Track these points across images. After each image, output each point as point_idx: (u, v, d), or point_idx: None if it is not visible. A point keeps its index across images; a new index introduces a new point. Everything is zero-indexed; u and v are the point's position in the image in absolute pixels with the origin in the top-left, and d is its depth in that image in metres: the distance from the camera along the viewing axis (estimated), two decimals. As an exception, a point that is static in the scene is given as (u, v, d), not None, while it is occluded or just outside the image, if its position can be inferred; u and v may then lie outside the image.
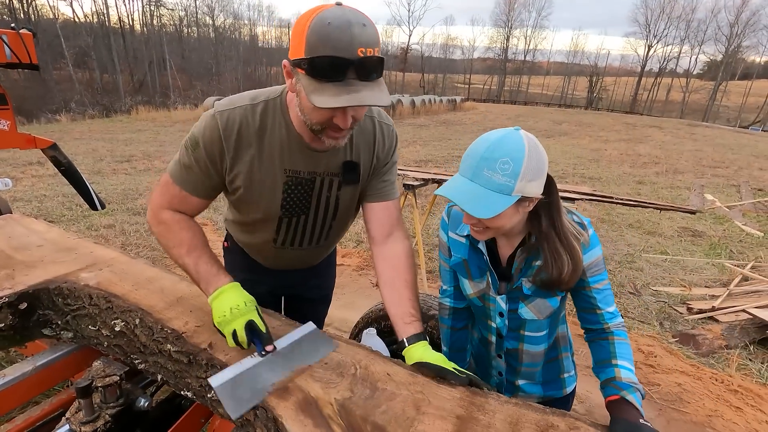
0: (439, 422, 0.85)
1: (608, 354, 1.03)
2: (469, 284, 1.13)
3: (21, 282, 1.24)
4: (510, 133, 0.89)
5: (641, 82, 53.62)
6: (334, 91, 0.86)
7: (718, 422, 2.22)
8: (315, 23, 0.84)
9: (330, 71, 0.85)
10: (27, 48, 2.43)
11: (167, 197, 1.13)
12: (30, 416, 1.18)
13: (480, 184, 0.88)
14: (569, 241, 0.98)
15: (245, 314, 0.98)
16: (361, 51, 0.84)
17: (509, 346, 1.15)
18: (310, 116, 0.96)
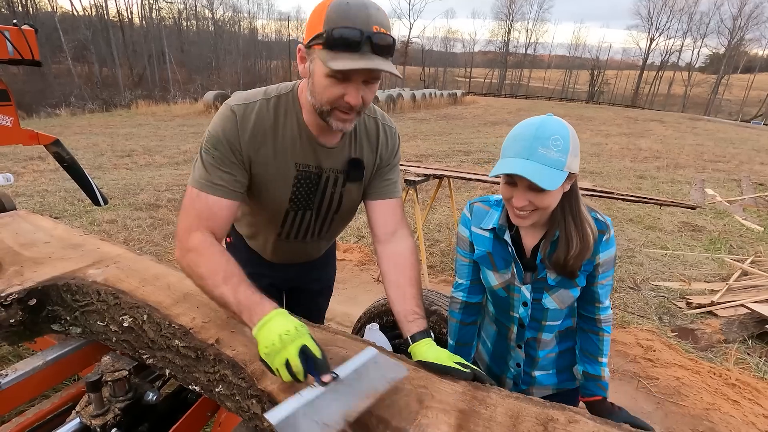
0: (442, 416, 0.87)
1: (596, 350, 1.16)
2: (494, 275, 1.17)
3: (30, 278, 1.26)
4: (548, 116, 0.98)
5: (643, 75, 53.35)
6: (350, 58, 0.90)
7: (715, 415, 2.25)
8: (335, 3, 0.90)
9: (348, 41, 0.89)
10: (29, 44, 2.44)
11: (194, 214, 1.05)
12: (41, 410, 1.21)
13: (537, 161, 0.94)
14: (583, 227, 1.05)
15: (296, 339, 0.84)
16: (376, 28, 0.90)
17: (529, 336, 1.20)
18: (322, 94, 0.97)
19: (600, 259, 1.09)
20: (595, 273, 1.11)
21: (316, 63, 0.94)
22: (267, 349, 0.84)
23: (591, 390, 1.16)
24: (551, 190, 0.93)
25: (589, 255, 1.06)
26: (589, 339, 1.17)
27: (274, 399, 0.88)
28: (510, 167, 0.95)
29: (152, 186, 6.43)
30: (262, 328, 0.88)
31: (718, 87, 47.01)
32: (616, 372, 2.59)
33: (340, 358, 1.01)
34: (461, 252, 1.24)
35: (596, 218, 1.09)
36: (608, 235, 1.08)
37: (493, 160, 9.38)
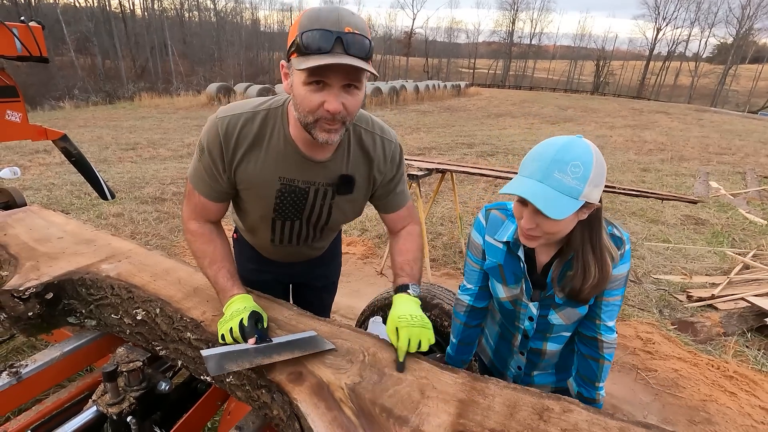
0: (442, 405, 0.91)
1: (594, 376, 1.14)
2: (503, 288, 1.17)
3: (46, 273, 1.31)
4: (575, 139, 0.92)
5: (649, 66, 52.72)
6: (320, 59, 0.89)
7: (712, 406, 2.30)
8: (307, 11, 0.94)
9: (318, 42, 0.89)
10: (37, 41, 2.46)
11: (191, 206, 1.20)
12: (59, 398, 1.26)
13: (550, 186, 0.89)
14: (603, 256, 1.00)
15: (241, 314, 1.05)
16: (348, 29, 0.90)
17: (533, 346, 1.21)
18: (302, 105, 0.96)
19: (612, 274, 1.04)
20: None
21: (295, 74, 0.95)
22: (221, 320, 1.08)
23: None
24: (557, 219, 0.89)
25: (606, 285, 1.02)
26: (589, 365, 1.14)
27: (283, 389, 0.93)
28: (520, 188, 0.92)
29: (157, 179, 6.48)
30: (227, 307, 1.11)
31: (725, 78, 46.40)
32: (616, 364, 2.63)
33: (344, 350, 1.06)
34: (472, 257, 1.23)
35: (612, 234, 1.05)
36: (623, 250, 1.04)
37: (497, 153, 9.37)
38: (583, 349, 1.16)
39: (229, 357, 0.97)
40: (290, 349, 1.03)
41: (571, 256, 1.04)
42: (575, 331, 1.19)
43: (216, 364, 0.95)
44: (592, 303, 1.11)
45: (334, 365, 1.01)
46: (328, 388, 0.94)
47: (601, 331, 1.11)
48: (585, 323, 1.14)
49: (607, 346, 1.12)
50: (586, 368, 1.15)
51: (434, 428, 0.85)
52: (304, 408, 0.88)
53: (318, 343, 1.07)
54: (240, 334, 1.02)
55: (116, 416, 1.13)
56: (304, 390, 0.92)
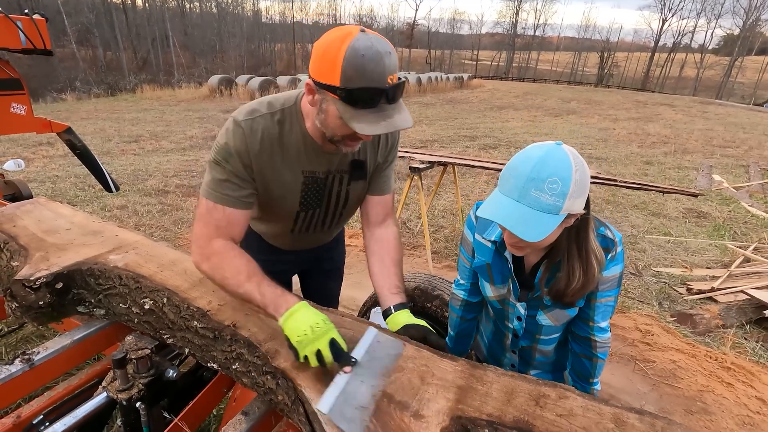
0: (442, 392, 0.94)
1: (588, 373, 1.15)
2: (491, 288, 1.17)
3: (55, 263, 1.34)
4: (553, 149, 0.87)
5: (654, 57, 52.19)
6: (371, 118, 0.94)
7: (709, 397, 2.33)
8: (350, 55, 0.89)
9: (367, 100, 0.93)
10: (41, 33, 2.48)
11: (212, 225, 1.11)
12: (69, 384, 1.30)
13: (527, 205, 0.86)
14: (589, 259, 0.99)
15: (327, 332, 0.95)
16: (390, 79, 0.93)
17: (524, 344, 1.22)
18: (335, 131, 1.03)
19: (603, 276, 1.03)
20: (595, 290, 1.05)
21: (330, 106, 0.98)
22: (299, 338, 0.93)
23: None
24: (538, 241, 0.87)
25: (591, 287, 1.02)
26: (582, 363, 1.15)
27: (287, 375, 0.96)
28: (495, 212, 0.89)
29: (160, 172, 6.52)
30: (289, 318, 0.97)
31: (731, 69, 45.90)
32: (614, 355, 2.67)
33: (347, 339, 1.09)
34: (464, 254, 1.24)
35: (604, 235, 1.03)
36: (614, 252, 1.02)
37: (499, 146, 9.35)
38: (576, 348, 1.17)
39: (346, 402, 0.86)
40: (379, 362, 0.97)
41: (559, 259, 1.04)
42: (568, 330, 1.19)
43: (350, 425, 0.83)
44: (584, 305, 1.11)
45: (337, 353, 1.04)
46: (332, 376, 0.97)
47: (594, 332, 1.12)
48: (578, 324, 1.14)
49: (601, 345, 1.12)
50: (580, 366, 1.17)
51: (433, 413, 0.88)
52: (308, 394, 0.91)
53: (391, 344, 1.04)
54: (333, 359, 0.92)
55: (125, 402, 1.17)
56: (308, 376, 0.95)
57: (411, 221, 4.85)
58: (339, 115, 0.96)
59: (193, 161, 7.36)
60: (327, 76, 0.93)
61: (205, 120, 12.32)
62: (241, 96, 18.11)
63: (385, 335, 1.07)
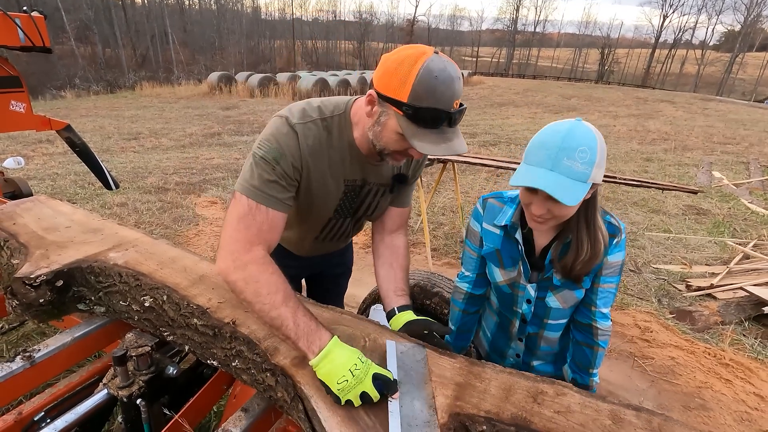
0: (441, 389, 0.95)
1: (588, 362, 1.17)
2: (500, 272, 1.20)
3: (55, 261, 1.34)
4: (576, 123, 0.94)
5: (655, 54, 52.02)
6: (432, 138, 0.95)
7: (707, 393, 2.34)
8: (423, 74, 0.89)
9: (431, 121, 0.93)
10: (39, 31, 2.47)
11: (255, 227, 1.03)
12: (71, 381, 1.31)
13: (561, 173, 0.91)
14: (596, 234, 1.04)
15: (367, 372, 0.91)
16: (456, 103, 0.94)
17: (531, 331, 1.23)
18: (388, 145, 1.03)
19: (608, 260, 1.09)
20: (599, 274, 1.11)
21: (391, 119, 0.97)
22: (340, 385, 0.88)
23: None
24: (572, 204, 0.91)
25: (598, 261, 1.06)
26: (583, 352, 1.18)
27: (287, 372, 0.97)
28: (532, 180, 0.93)
29: (160, 169, 6.51)
30: (324, 359, 0.92)
31: (732, 66, 45.74)
32: (613, 352, 2.67)
33: (346, 336, 1.09)
34: (470, 245, 1.27)
35: (609, 222, 1.08)
36: (619, 238, 1.08)
37: (499, 143, 9.34)
38: (578, 336, 1.19)
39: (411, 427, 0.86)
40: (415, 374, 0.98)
41: (569, 239, 1.07)
42: (571, 320, 1.22)
43: None
44: (588, 288, 1.13)
45: (336, 350, 1.05)
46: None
47: (596, 317, 1.14)
48: (581, 310, 1.17)
49: (602, 333, 1.15)
50: (581, 355, 1.19)
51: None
52: (307, 390, 0.91)
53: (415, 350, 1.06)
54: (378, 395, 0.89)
55: (126, 399, 1.17)
56: (308, 373, 0.96)
57: (411, 218, 4.85)
58: (398, 130, 0.96)
59: (193, 159, 7.36)
60: (395, 90, 0.93)
61: (205, 117, 12.30)
62: (241, 93, 18.07)
63: (402, 344, 1.08)
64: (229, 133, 9.97)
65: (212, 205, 5.08)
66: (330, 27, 56.03)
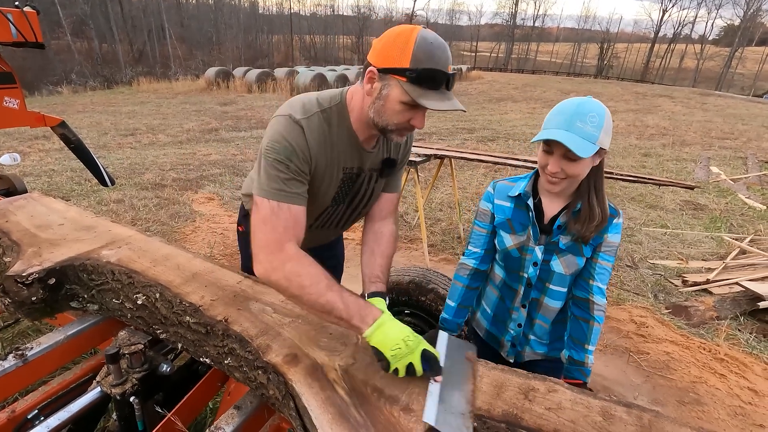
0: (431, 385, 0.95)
1: (584, 338, 1.23)
2: (510, 237, 1.31)
3: (48, 259, 1.34)
4: (587, 98, 1.12)
5: (654, 48, 51.86)
6: (436, 97, 1.01)
7: (701, 388, 2.35)
8: (420, 40, 0.98)
9: (433, 81, 1.00)
10: (32, 26, 2.45)
11: (281, 226, 1.06)
12: (64, 379, 1.31)
13: (574, 133, 1.07)
14: (604, 200, 1.20)
15: (418, 345, 0.96)
16: (450, 68, 1.02)
17: (534, 296, 1.32)
18: (392, 118, 1.06)
19: (608, 238, 1.21)
20: (598, 249, 1.23)
21: (393, 90, 1.02)
22: (393, 351, 0.93)
23: (573, 374, 1.24)
24: (583, 157, 1.06)
25: (604, 225, 1.19)
26: (579, 326, 1.25)
27: (278, 370, 0.97)
28: (551, 135, 1.08)
29: (157, 165, 6.49)
30: (377, 330, 0.96)
31: (731, 60, 45.62)
32: (609, 347, 2.68)
33: (339, 333, 1.09)
34: (480, 224, 1.39)
35: (610, 205, 1.22)
36: (618, 219, 1.22)
37: (497, 138, 9.32)
38: (576, 311, 1.27)
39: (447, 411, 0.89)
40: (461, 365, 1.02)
41: (578, 207, 1.20)
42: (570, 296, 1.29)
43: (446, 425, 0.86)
44: (588, 261, 1.24)
45: (328, 347, 1.05)
46: (322, 370, 0.97)
47: (593, 291, 1.24)
48: (579, 284, 1.27)
49: (598, 308, 1.24)
50: (578, 329, 1.25)
51: (423, 407, 0.89)
52: (299, 388, 0.91)
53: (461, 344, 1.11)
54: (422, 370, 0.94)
55: (119, 396, 1.17)
56: (299, 371, 0.96)
57: (408, 214, 4.85)
58: (401, 99, 1.02)
59: (190, 155, 7.33)
60: (397, 59, 0.99)
61: (202, 113, 12.25)
62: (239, 88, 17.98)
63: (453, 338, 1.13)
64: (227, 129, 9.93)
65: (209, 202, 5.06)
66: (328, 21, 55.68)
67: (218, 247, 3.83)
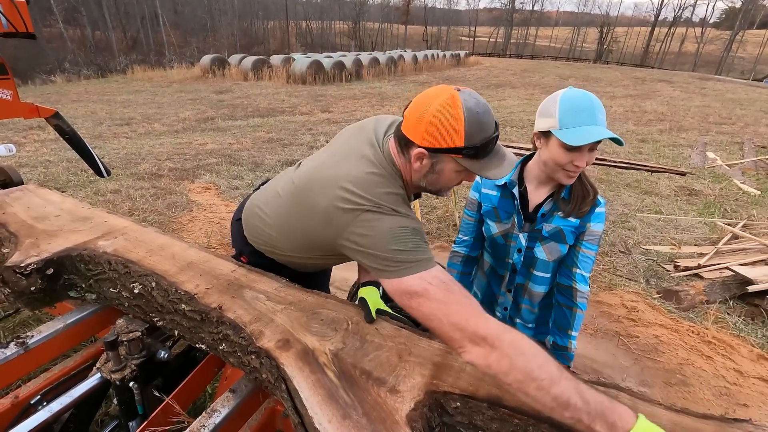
0: (418, 368, 0.99)
1: (567, 324, 1.29)
2: (496, 225, 1.36)
3: (45, 250, 1.36)
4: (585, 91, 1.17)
5: (654, 32, 51.27)
6: (494, 163, 1.04)
7: (688, 369, 2.41)
8: (469, 115, 0.97)
9: (490, 149, 1.02)
10: (22, 16, 2.43)
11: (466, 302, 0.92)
12: (65, 367, 1.35)
13: (601, 125, 1.13)
14: (590, 182, 1.27)
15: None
16: (495, 125, 1.03)
17: (519, 281, 1.37)
18: (448, 184, 1.11)
19: (590, 227, 1.26)
20: (581, 238, 1.27)
21: (448, 165, 1.04)
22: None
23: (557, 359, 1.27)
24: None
25: (591, 203, 1.24)
26: (563, 313, 1.30)
27: (271, 355, 1.00)
28: (594, 135, 1.11)
29: (153, 155, 6.47)
30: None
31: (731, 44, 45.17)
32: (599, 331, 2.74)
33: (330, 319, 1.13)
34: (469, 213, 1.45)
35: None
36: (601, 209, 1.26)
37: (494, 125, 9.29)
38: (560, 298, 1.32)
39: None
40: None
41: (562, 195, 1.25)
42: (555, 284, 1.33)
43: None
44: (569, 252, 1.28)
45: (319, 333, 1.09)
46: (313, 354, 1.01)
47: (576, 279, 1.28)
48: (563, 271, 1.31)
49: (581, 295, 1.28)
50: (561, 316, 1.31)
51: (409, 388, 0.93)
52: (290, 371, 0.95)
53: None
54: None
55: (119, 382, 1.22)
56: (291, 355, 1.00)
57: (404, 202, 4.87)
58: (458, 170, 1.04)
59: (186, 144, 7.31)
60: (448, 140, 0.98)
61: (198, 101, 12.15)
62: (234, 76, 17.79)
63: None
64: (223, 118, 9.87)
65: (206, 191, 5.07)
66: (324, 7, 54.79)
67: (215, 236, 3.86)
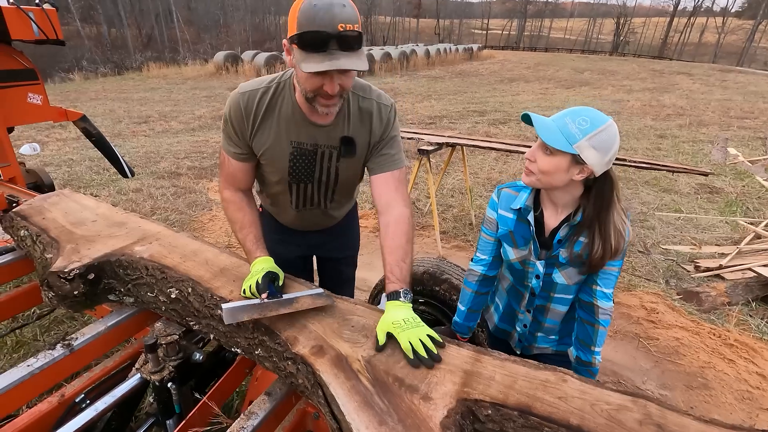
0: (449, 375, 1.02)
1: (590, 340, 1.25)
2: (513, 251, 1.31)
3: (86, 255, 1.42)
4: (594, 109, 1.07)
5: (673, 23, 49.94)
6: (318, 59, 1.03)
7: (710, 373, 2.40)
8: (304, 6, 1.02)
9: (315, 43, 1.02)
10: (52, 23, 2.51)
11: (225, 174, 1.38)
12: (105, 366, 1.41)
13: (555, 124, 1.07)
14: (607, 232, 1.13)
15: (259, 273, 1.22)
16: (341, 26, 1.01)
17: (539, 303, 1.34)
18: (304, 85, 1.13)
19: None
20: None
21: (295, 56, 1.09)
22: (246, 278, 1.25)
23: (581, 374, 1.23)
24: (548, 144, 1.06)
25: (609, 259, 1.15)
26: (585, 329, 1.26)
27: (306, 361, 1.04)
28: (531, 115, 1.09)
29: (171, 153, 6.60)
30: (251, 267, 1.28)
31: (754, 34, 43.76)
32: (618, 333, 2.74)
33: (360, 325, 1.17)
34: (487, 231, 1.38)
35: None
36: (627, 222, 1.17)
37: (509, 121, 9.22)
38: (582, 314, 1.29)
39: (242, 310, 1.14)
40: (294, 304, 1.19)
41: (577, 221, 1.16)
42: (576, 300, 1.30)
43: (230, 316, 1.12)
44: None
45: (351, 340, 1.12)
46: (347, 360, 1.05)
47: (597, 296, 1.23)
48: (584, 289, 1.27)
49: (603, 312, 1.23)
50: (583, 333, 1.28)
51: (441, 395, 0.96)
52: (326, 378, 0.99)
53: (321, 298, 1.24)
54: (255, 289, 1.18)
55: (158, 383, 1.27)
56: (326, 362, 1.04)
57: (420, 201, 4.89)
58: (297, 61, 1.06)
59: (203, 142, 7.42)
60: (290, 29, 1.05)
61: (213, 98, 12.29)
62: (247, 73, 17.93)
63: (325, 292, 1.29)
64: (238, 115, 9.97)
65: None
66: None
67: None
